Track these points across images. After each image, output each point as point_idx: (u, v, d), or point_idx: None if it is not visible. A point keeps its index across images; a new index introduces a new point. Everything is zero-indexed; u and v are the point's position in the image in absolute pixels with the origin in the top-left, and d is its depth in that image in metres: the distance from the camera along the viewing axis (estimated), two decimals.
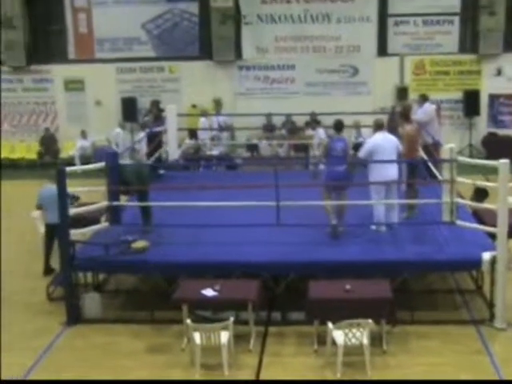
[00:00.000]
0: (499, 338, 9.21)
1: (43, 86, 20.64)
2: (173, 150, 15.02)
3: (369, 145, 10.70)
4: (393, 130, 11.77)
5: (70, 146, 20.23)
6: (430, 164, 12.00)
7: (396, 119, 14.11)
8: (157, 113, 15.73)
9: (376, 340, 8.69)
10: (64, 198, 9.77)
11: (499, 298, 9.44)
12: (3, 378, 8.26)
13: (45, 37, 20.63)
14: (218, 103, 17.97)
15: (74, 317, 9.77)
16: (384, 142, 10.65)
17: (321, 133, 16.40)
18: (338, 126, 10.88)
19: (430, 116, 14.86)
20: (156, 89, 20.13)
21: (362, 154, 10.73)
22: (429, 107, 15.27)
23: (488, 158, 16.87)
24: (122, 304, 10.51)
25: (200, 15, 20.14)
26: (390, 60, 19.62)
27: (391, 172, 10.61)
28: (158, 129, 14.83)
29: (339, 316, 8.33)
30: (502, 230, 9.45)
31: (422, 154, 12.24)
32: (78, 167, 11.92)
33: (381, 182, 10.56)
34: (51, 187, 11.00)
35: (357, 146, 15.40)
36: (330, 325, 8.33)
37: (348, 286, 9.01)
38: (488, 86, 19.51)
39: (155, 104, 16.82)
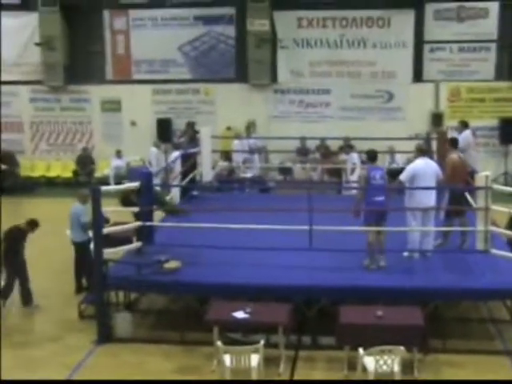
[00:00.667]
0: None
1: (80, 105, 20.93)
2: (206, 171, 15.12)
3: (410, 170, 10.64)
4: (429, 156, 11.73)
5: (105, 166, 20.44)
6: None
7: (431, 145, 14.10)
8: (192, 134, 15.86)
9: (407, 368, 8.60)
10: (98, 218, 9.86)
11: None
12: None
13: (83, 57, 20.96)
14: (250, 126, 18.07)
15: (105, 335, 9.83)
16: (425, 168, 10.58)
17: (354, 157, 16.37)
18: (372, 156, 10.84)
19: (468, 143, 14.76)
20: (191, 110, 20.28)
21: (403, 177, 10.64)
22: (469, 134, 15.14)
23: None
24: (152, 324, 10.56)
25: (236, 38, 20.31)
26: (425, 86, 19.58)
27: (430, 198, 10.54)
28: (192, 150, 14.93)
29: (370, 342, 8.29)
30: None
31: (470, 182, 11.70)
32: (113, 187, 12.05)
33: (418, 208, 10.50)
34: (77, 206, 11.19)
35: (391, 172, 15.36)
36: (360, 351, 8.28)
37: (379, 312, 8.96)
38: None
39: (190, 125, 17.01)
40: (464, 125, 16.15)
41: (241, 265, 10.32)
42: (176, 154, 14.71)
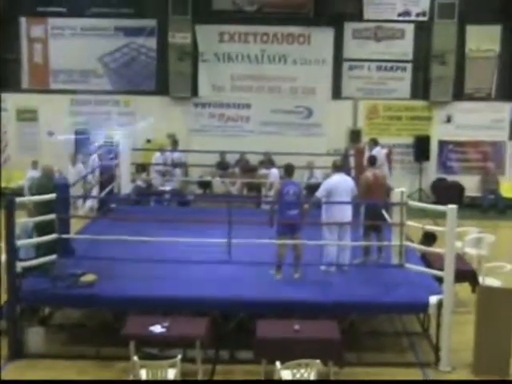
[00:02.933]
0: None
1: None
2: (125, 184, 14.96)
3: (326, 185, 10.81)
4: (346, 171, 11.95)
5: (20, 176, 19.88)
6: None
7: (349, 161, 14.36)
8: (108, 146, 15.66)
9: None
10: (11, 229, 9.60)
11: (444, 341, 9.56)
12: None
13: None
14: (173, 139, 18.01)
15: (17, 351, 9.55)
16: (340, 184, 10.77)
17: (275, 172, 16.52)
18: (289, 170, 11.00)
19: (380, 160, 15.09)
20: (110, 122, 20.01)
21: (319, 193, 10.82)
22: (380, 151, 15.52)
23: (437, 202, 17.17)
24: (67, 339, 10.31)
25: (158, 51, 20.21)
26: (344, 103, 19.96)
27: (345, 213, 10.72)
28: (109, 162, 14.75)
29: (287, 356, 8.31)
30: (448, 274, 9.61)
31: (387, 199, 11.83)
32: (28, 198, 11.76)
33: (332, 223, 10.66)
34: None
35: (310, 187, 15.58)
36: (277, 364, 8.30)
37: (296, 326, 9.02)
38: (438, 132, 19.96)
39: (108, 137, 16.75)
40: (374, 142, 16.55)
41: (158, 278, 10.22)
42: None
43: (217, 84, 20.19)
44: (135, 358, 8.37)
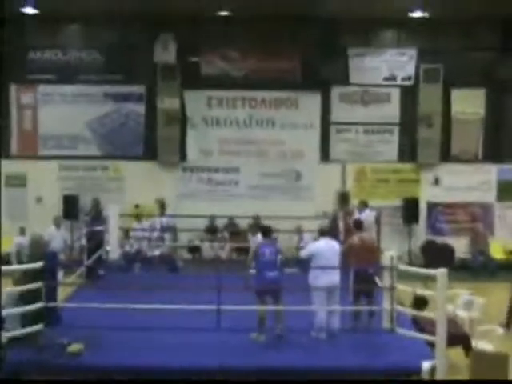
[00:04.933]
0: None
1: None
2: (113, 249, 14.86)
3: (311, 248, 10.80)
4: (335, 234, 11.95)
5: (7, 243, 19.71)
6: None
7: (338, 224, 14.36)
8: (96, 212, 15.60)
9: None
10: None
11: None
12: None
13: None
14: (161, 204, 17.99)
15: None
16: (326, 248, 10.75)
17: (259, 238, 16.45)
18: (266, 232, 11.00)
19: (369, 222, 15.12)
20: (99, 187, 19.98)
21: (303, 254, 10.81)
22: (369, 214, 15.54)
23: (427, 264, 17.13)
24: None
25: (146, 116, 20.35)
26: (332, 166, 20.06)
27: (333, 278, 10.66)
28: (97, 228, 14.68)
29: None
30: (440, 338, 9.52)
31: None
32: (15, 266, 11.62)
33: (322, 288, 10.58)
34: None
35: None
36: None
37: None
38: (426, 194, 20.04)
39: (95, 203, 16.70)
40: (364, 204, 16.58)
41: (146, 347, 10.06)
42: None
43: (205, 148, 20.29)
44: None
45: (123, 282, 13.41)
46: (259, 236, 16.22)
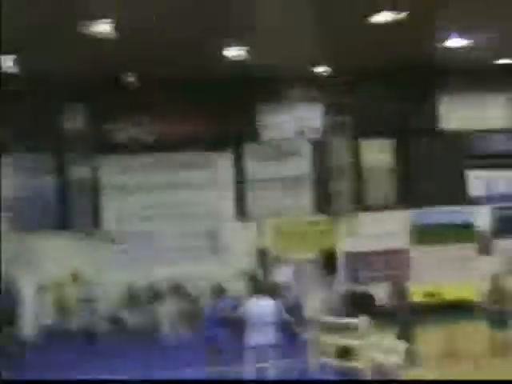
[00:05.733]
0: None
1: None
2: (30, 324, 14.33)
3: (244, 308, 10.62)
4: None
5: None
6: None
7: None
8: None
9: None
10: None
11: None
12: None
13: None
14: (75, 276, 17.56)
15: None
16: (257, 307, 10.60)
17: None
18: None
19: (289, 278, 15.20)
20: (12, 261, 19.17)
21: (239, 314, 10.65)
22: (286, 270, 15.59)
23: (348, 314, 17.19)
24: None
25: (58, 186, 19.83)
26: (249, 224, 20.07)
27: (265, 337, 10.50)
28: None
29: None
30: None
31: None
32: None
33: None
34: None
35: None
36: None
37: None
38: (343, 244, 20.05)
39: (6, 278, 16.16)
40: (278, 260, 16.49)
41: None
42: None
43: (121, 216, 20.00)
44: None
45: (42, 361, 12.87)
46: None
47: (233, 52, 16.68)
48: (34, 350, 14.25)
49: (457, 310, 19.34)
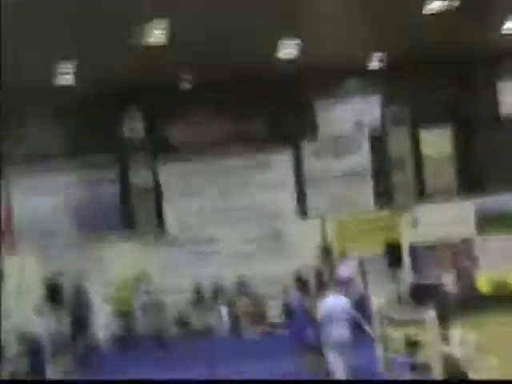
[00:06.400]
0: None
1: None
2: (102, 331, 14.69)
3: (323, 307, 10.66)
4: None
5: None
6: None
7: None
8: (79, 296, 15.43)
9: None
10: None
11: None
12: None
13: None
14: (145, 279, 17.85)
15: None
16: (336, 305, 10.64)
17: None
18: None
19: (352, 273, 15.14)
20: (81, 271, 19.68)
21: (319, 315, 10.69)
22: (350, 264, 15.55)
23: (416, 307, 17.05)
24: None
25: (121, 194, 20.25)
26: (311, 222, 20.04)
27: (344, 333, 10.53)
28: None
29: None
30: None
31: None
32: None
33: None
34: None
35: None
36: None
37: None
38: (407, 237, 19.98)
39: (77, 288, 16.56)
40: (344, 256, 16.53)
41: None
42: None
43: (184, 220, 20.19)
44: None
45: (114, 365, 13.17)
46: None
47: (286, 49, 16.67)
48: (105, 354, 14.55)
49: None
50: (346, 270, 15.19)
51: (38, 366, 10.22)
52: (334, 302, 10.63)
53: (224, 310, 17.98)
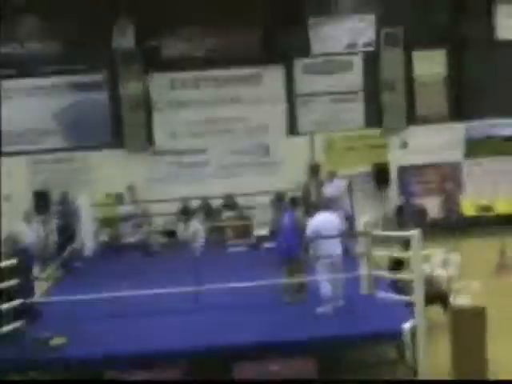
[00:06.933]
0: None
1: None
2: (89, 240, 14.82)
3: (312, 224, 10.72)
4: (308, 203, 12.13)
5: None
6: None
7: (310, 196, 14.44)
8: (65, 204, 15.49)
9: None
10: None
11: (421, 365, 9.54)
12: None
13: None
14: (131, 191, 17.91)
15: None
16: (326, 222, 10.72)
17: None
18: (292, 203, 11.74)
19: (340, 191, 15.24)
20: (69, 180, 19.78)
21: (308, 232, 10.78)
22: (338, 183, 15.64)
23: (400, 227, 17.32)
24: None
25: (111, 103, 20.18)
26: (299, 138, 20.09)
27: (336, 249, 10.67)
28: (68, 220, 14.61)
29: None
30: (418, 298, 9.63)
31: None
32: None
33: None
34: None
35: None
36: None
37: (274, 367, 8.94)
38: (395, 158, 20.14)
39: (64, 195, 16.56)
40: (331, 175, 16.63)
41: (129, 334, 10.07)
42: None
43: (172, 131, 20.21)
44: None
45: (100, 272, 13.37)
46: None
47: None
48: (91, 261, 14.72)
49: (510, 223, 19.31)
50: (333, 187, 15.26)
51: (26, 271, 10.30)
52: (326, 219, 10.77)
53: (209, 222, 18.09)
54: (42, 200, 19.35)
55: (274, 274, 11.08)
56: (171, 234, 18.69)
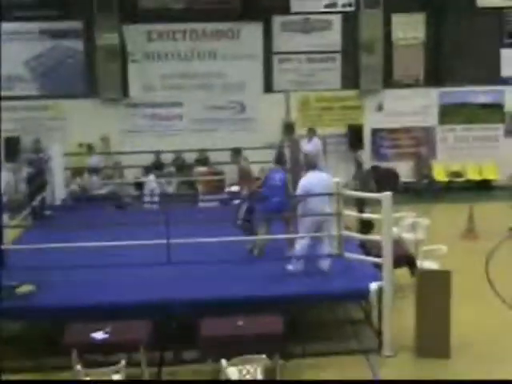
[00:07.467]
0: (387, 365, 9.44)
1: None
2: (59, 189, 14.71)
3: (304, 184, 10.68)
4: (281, 162, 12.12)
5: None
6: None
7: (284, 154, 14.38)
8: (37, 152, 15.33)
9: (270, 375, 8.68)
10: None
11: (386, 327, 9.70)
12: None
13: None
14: (105, 141, 17.77)
15: None
16: (317, 182, 10.69)
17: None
18: (277, 159, 11.90)
19: (317, 150, 15.26)
20: (40, 127, 19.56)
21: (299, 192, 10.76)
22: (317, 142, 15.63)
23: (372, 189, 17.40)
24: (4, 353, 9.98)
25: (85, 53, 19.88)
26: (275, 96, 19.92)
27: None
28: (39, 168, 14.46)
29: (232, 353, 8.29)
30: (386, 260, 9.75)
31: None
32: None
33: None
34: None
35: None
36: (223, 362, 8.27)
37: (240, 322, 9.01)
38: (370, 120, 20.18)
39: (36, 143, 16.33)
40: (313, 132, 16.65)
41: (97, 284, 10.08)
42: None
43: (147, 84, 19.99)
44: (78, 366, 8.23)
45: (70, 222, 13.29)
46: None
47: None
48: (62, 211, 14.60)
49: (480, 189, 19.57)
50: (312, 145, 15.27)
51: None
52: (320, 178, 10.74)
53: (182, 177, 18.07)
54: (12, 147, 19.14)
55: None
56: (142, 186, 18.67)
